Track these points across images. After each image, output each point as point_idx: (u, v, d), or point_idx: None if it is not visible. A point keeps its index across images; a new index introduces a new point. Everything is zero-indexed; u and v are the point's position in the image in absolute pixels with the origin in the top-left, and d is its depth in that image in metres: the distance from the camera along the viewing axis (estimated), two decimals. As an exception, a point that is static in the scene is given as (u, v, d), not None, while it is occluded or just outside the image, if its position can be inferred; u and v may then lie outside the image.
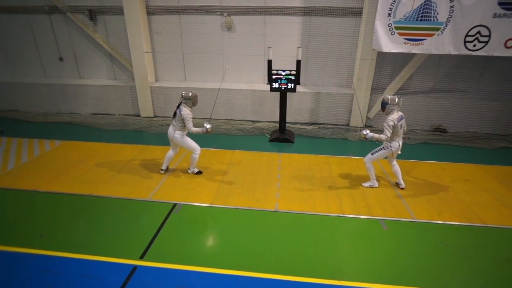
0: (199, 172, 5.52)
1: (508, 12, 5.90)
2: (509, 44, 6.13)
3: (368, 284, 3.24)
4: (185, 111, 4.93)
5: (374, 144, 7.02)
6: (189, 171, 5.49)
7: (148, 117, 8.34)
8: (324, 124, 7.91)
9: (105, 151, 6.34)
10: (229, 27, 7.77)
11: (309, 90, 7.79)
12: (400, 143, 4.72)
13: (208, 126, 4.97)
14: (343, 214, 4.39)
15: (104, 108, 8.60)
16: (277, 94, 6.91)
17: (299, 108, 7.91)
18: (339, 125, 7.90)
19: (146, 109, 8.31)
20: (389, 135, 4.51)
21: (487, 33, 6.08)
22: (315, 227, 4.14)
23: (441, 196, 4.89)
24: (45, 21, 8.23)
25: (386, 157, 5.05)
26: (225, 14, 7.65)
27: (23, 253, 3.61)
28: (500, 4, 5.86)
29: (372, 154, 4.91)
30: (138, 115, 8.41)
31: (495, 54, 6.23)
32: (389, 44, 6.44)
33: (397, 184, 5.12)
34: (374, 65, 7.25)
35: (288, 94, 6.86)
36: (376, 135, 4.61)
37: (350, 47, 7.61)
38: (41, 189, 4.93)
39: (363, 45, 7.15)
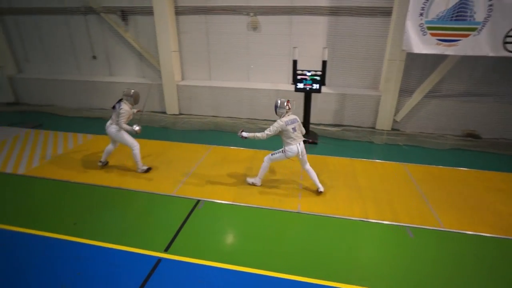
0: (149, 169, 5.48)
1: (554, 11, 5.51)
2: (554, 45, 5.72)
3: (392, 292, 3.16)
4: (124, 107, 5.02)
5: (403, 150, 6.83)
6: (138, 171, 5.42)
7: (173, 114, 8.56)
8: (348, 126, 7.76)
9: (132, 146, 6.58)
10: (254, 27, 7.81)
11: (334, 91, 7.67)
12: (300, 148, 4.58)
13: (137, 128, 5.06)
14: (367, 218, 4.29)
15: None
16: (301, 94, 6.86)
17: (323, 109, 7.81)
18: (364, 127, 7.71)
19: (172, 106, 8.54)
20: (265, 135, 4.51)
21: (530, 34, 5.71)
22: (338, 230, 4.08)
23: (473, 205, 4.65)
24: (81, 21, 8.67)
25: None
26: (251, 14, 7.69)
27: (58, 239, 3.84)
28: (546, 2, 5.49)
29: (271, 154, 4.82)
30: (164, 112, 8.66)
31: (538, 56, 5.84)
32: (420, 45, 6.21)
33: (316, 189, 4.88)
34: (403, 67, 7.02)
35: (313, 94, 6.79)
36: (251, 134, 4.63)
37: (378, 48, 7.41)
38: (74, 180, 5.21)
39: (391, 45, 6.94)
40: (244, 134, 4.70)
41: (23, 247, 3.73)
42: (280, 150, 4.71)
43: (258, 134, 4.59)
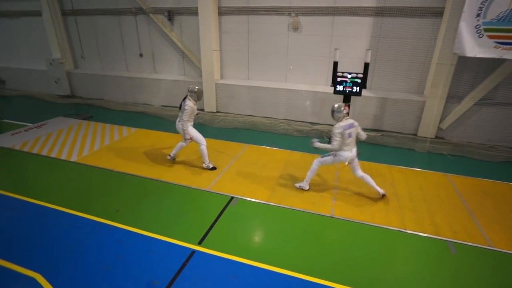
0: (214, 168, 5.60)
1: None
2: None
3: (430, 309, 2.99)
4: (188, 103, 5.20)
5: (448, 160, 6.40)
6: (204, 166, 5.60)
7: (211, 112, 8.82)
8: (388, 131, 7.43)
9: (171, 141, 6.89)
10: (296, 28, 7.77)
11: (375, 94, 7.39)
12: (353, 152, 4.49)
13: (187, 140, 5.38)
14: (405, 229, 4.10)
15: (173, 101, 9.35)
16: (340, 97, 6.70)
17: (362, 112, 7.55)
18: (405, 133, 7.34)
19: (210, 104, 8.80)
20: (336, 144, 4.38)
21: None
22: (373, 239, 3.95)
23: (527, 224, 4.24)
24: (131, 21, 9.26)
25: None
26: (293, 14, 7.67)
27: (102, 223, 4.16)
28: None
29: (321, 157, 4.74)
30: (202, 110, 8.94)
31: None
32: (475, 48, 5.76)
33: (378, 193, 4.75)
34: (453, 71, 6.56)
35: (352, 97, 6.61)
36: (323, 145, 4.52)
37: (426, 51, 7.00)
38: (119, 170, 5.59)
39: (441, 48, 6.51)
40: (317, 144, 4.63)
41: (74, 228, 4.10)
42: (331, 153, 4.64)
43: (329, 146, 4.54)
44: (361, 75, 6.18)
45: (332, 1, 7.28)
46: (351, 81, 6.24)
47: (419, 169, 5.80)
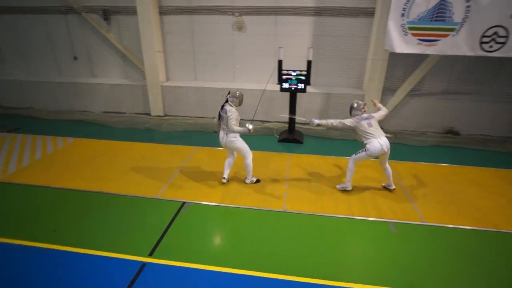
0: (258, 181, 5.18)
1: (526, 13, 5.74)
2: (527, 45, 5.96)
3: (374, 287, 3.20)
4: (231, 109, 4.63)
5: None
6: (247, 181, 5.11)
7: (158, 116, 8.44)
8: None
9: (115, 149, 6.45)
10: (240, 27, 7.79)
11: (319, 90, 7.75)
12: (381, 142, 4.43)
13: (250, 126, 4.59)
14: (352, 215, 4.35)
15: (115, 107, 8.75)
16: (287, 94, 6.89)
17: (309, 108, 7.86)
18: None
19: (156, 108, 8.41)
20: (341, 123, 4.60)
21: (505, 34, 5.92)
22: (324, 228, 4.11)
23: (453, 199, 4.80)
24: (61, 21, 8.42)
25: (377, 158, 4.81)
26: (237, 14, 7.67)
27: (35, 247, 3.70)
28: (518, 4, 5.71)
29: (355, 154, 4.76)
30: (149, 114, 8.52)
31: (512, 56, 6.08)
32: (402, 44, 6.35)
33: (387, 186, 4.99)
34: (386, 66, 7.16)
35: (298, 94, 6.84)
36: (324, 121, 4.68)
37: (362, 48, 7.53)
38: (54, 185, 5.04)
39: (375, 46, 7.07)
40: (316, 121, 4.62)
41: (-1, 255, 3.59)
42: (363, 149, 4.61)
43: (333, 122, 4.58)
44: (304, 72, 6.43)
45: (274, 1, 7.45)
46: (296, 78, 6.45)
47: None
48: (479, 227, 4.15)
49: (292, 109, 6.90)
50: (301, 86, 6.51)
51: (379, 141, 4.44)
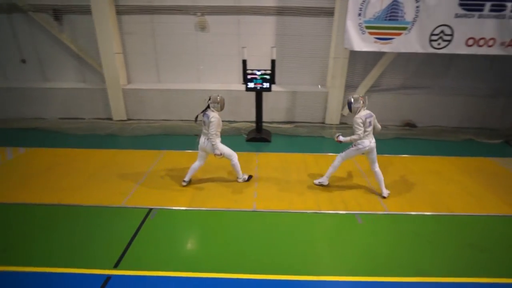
0: (250, 177, 5.24)
1: (468, 13, 6.25)
2: (469, 42, 6.49)
3: (345, 277, 3.30)
4: (213, 115, 4.54)
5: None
6: (239, 180, 5.15)
7: (120, 120, 8.07)
8: (300, 122, 8.01)
9: (75, 157, 6.06)
10: (202, 27, 7.67)
11: (285, 89, 7.86)
12: (372, 142, 4.54)
13: (218, 152, 4.68)
14: (320, 210, 4.46)
15: (73, 112, 8.23)
16: (253, 94, 6.91)
17: (275, 107, 7.95)
18: (314, 123, 8.03)
19: (118, 112, 8.03)
20: (360, 133, 4.41)
21: (450, 32, 6.40)
22: (293, 225, 4.17)
23: (412, 188, 5.10)
24: (3, 20, 7.72)
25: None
26: (199, 14, 7.55)
27: (-16, 270, 3.36)
28: (460, 4, 6.20)
29: (343, 151, 4.81)
30: (110, 119, 8.11)
31: (458, 52, 6.59)
32: (360, 43, 6.62)
33: (381, 193, 4.83)
34: (347, 64, 7.43)
35: (264, 93, 6.88)
36: (348, 138, 4.53)
37: (324, 46, 7.75)
38: (5, 201, 4.61)
39: (335, 44, 7.31)
40: (341, 138, 4.59)
41: None
42: (352, 145, 4.62)
43: (354, 137, 4.45)
44: (269, 72, 6.47)
45: (237, 1, 7.42)
46: (260, 78, 6.48)
47: (329, 154, 6.39)
48: (436, 212, 4.45)
49: (259, 109, 6.93)
50: (266, 85, 6.56)
51: (370, 141, 4.53)
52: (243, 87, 6.82)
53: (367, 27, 6.53)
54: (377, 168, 4.73)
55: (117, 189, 4.95)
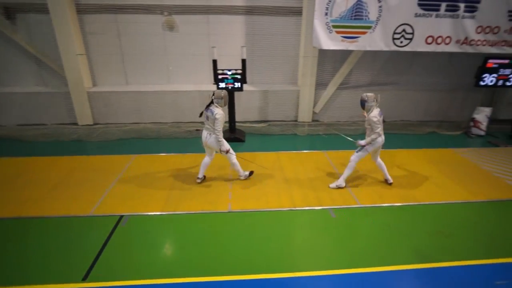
0: (251, 173, 5.30)
1: (426, 12, 6.59)
2: (429, 40, 6.86)
3: (322, 272, 3.36)
4: (218, 111, 4.59)
5: (323, 138, 7.38)
6: (241, 177, 5.19)
7: (87, 125, 7.67)
8: (273, 121, 8.05)
9: (37, 166, 5.67)
10: (171, 27, 7.48)
11: (257, 88, 7.87)
12: (383, 138, 4.76)
13: (224, 148, 4.78)
14: (295, 207, 4.51)
15: (33, 118, 7.69)
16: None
17: (248, 107, 7.94)
18: (287, 121, 8.11)
19: (84, 116, 7.63)
20: (379, 131, 4.61)
21: (411, 31, 6.73)
22: (269, 223, 4.18)
23: (382, 181, 5.29)
24: None
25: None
26: (166, 13, 7.35)
27: None
28: (419, 5, 6.53)
29: (356, 152, 4.88)
30: (75, 124, 7.69)
31: (418, 50, 6.94)
32: (328, 41, 6.77)
33: (385, 180, 5.16)
34: (316, 62, 7.57)
35: (236, 93, 6.85)
36: (368, 139, 4.71)
37: (294, 45, 7.85)
38: (-45, 216, 4.22)
39: (305, 43, 7.43)
40: (362, 142, 4.71)
41: None
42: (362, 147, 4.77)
43: (374, 136, 4.62)
44: (240, 71, 6.44)
45: (204, 0, 7.31)
46: (232, 78, 6.44)
47: (303, 151, 6.49)
48: (404, 203, 4.65)
49: (231, 109, 6.88)
50: (237, 85, 6.52)
51: (382, 137, 4.73)
52: (214, 87, 6.74)
53: (334, 26, 6.69)
54: (380, 160, 5.07)
55: (85, 197, 4.70)
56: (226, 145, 4.78)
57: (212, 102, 4.71)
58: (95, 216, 4.29)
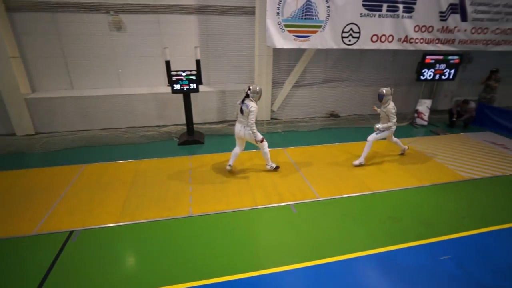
0: (277, 167, 5.55)
1: (370, 12, 7.02)
2: (374, 39, 7.32)
3: (288, 266, 3.40)
4: (252, 104, 4.86)
5: (282, 136, 7.50)
6: (268, 167, 5.51)
7: (27, 135, 6.95)
8: (232, 121, 8.00)
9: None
10: (118, 27, 7.06)
11: (214, 89, 7.76)
12: (396, 125, 5.72)
13: (259, 137, 5.10)
14: (257, 206, 4.52)
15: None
16: (181, 95, 6.65)
17: (206, 108, 7.81)
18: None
19: (22, 125, 6.90)
20: (395, 120, 5.53)
21: (358, 30, 7.12)
22: (232, 224, 4.14)
23: (339, 173, 5.53)
24: None
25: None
26: (112, 12, 6.92)
27: None
28: (363, 5, 6.92)
29: (376, 134, 5.70)
30: (13, 134, 6.93)
31: (365, 48, 7.37)
32: (281, 40, 6.90)
33: (402, 151, 6.34)
34: (271, 61, 7.68)
35: (192, 94, 6.69)
36: (385, 125, 5.55)
37: (248, 45, 7.87)
38: None
39: (259, 42, 7.49)
40: (379, 126, 5.55)
41: None
42: (380, 131, 5.64)
43: (390, 124, 5.52)
44: (195, 72, 6.30)
45: (153, -1, 7.02)
46: (186, 79, 6.28)
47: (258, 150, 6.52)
48: (359, 193, 4.90)
49: (188, 111, 6.71)
50: (193, 86, 6.37)
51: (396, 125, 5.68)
52: (169, 89, 6.51)
53: (286, 26, 6.83)
54: (394, 138, 6.04)
55: (27, 215, 4.25)
56: (259, 136, 5.06)
57: (247, 96, 4.93)
58: (40, 234, 3.90)
